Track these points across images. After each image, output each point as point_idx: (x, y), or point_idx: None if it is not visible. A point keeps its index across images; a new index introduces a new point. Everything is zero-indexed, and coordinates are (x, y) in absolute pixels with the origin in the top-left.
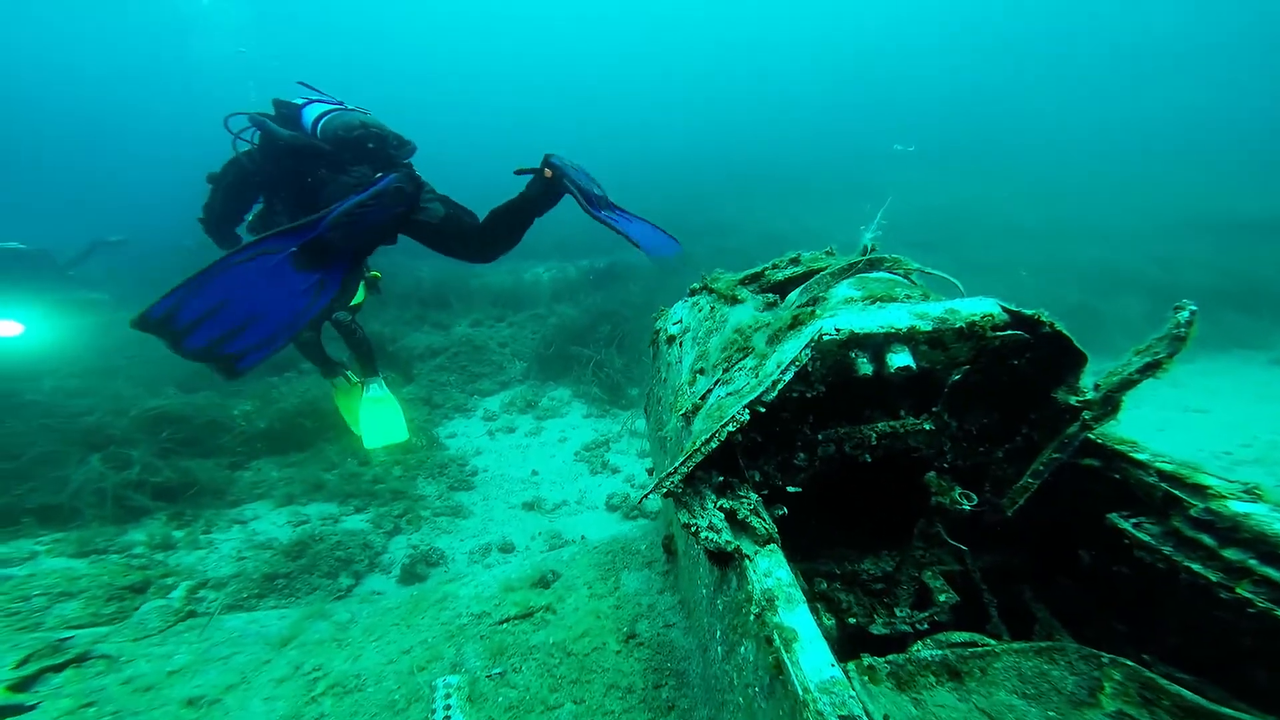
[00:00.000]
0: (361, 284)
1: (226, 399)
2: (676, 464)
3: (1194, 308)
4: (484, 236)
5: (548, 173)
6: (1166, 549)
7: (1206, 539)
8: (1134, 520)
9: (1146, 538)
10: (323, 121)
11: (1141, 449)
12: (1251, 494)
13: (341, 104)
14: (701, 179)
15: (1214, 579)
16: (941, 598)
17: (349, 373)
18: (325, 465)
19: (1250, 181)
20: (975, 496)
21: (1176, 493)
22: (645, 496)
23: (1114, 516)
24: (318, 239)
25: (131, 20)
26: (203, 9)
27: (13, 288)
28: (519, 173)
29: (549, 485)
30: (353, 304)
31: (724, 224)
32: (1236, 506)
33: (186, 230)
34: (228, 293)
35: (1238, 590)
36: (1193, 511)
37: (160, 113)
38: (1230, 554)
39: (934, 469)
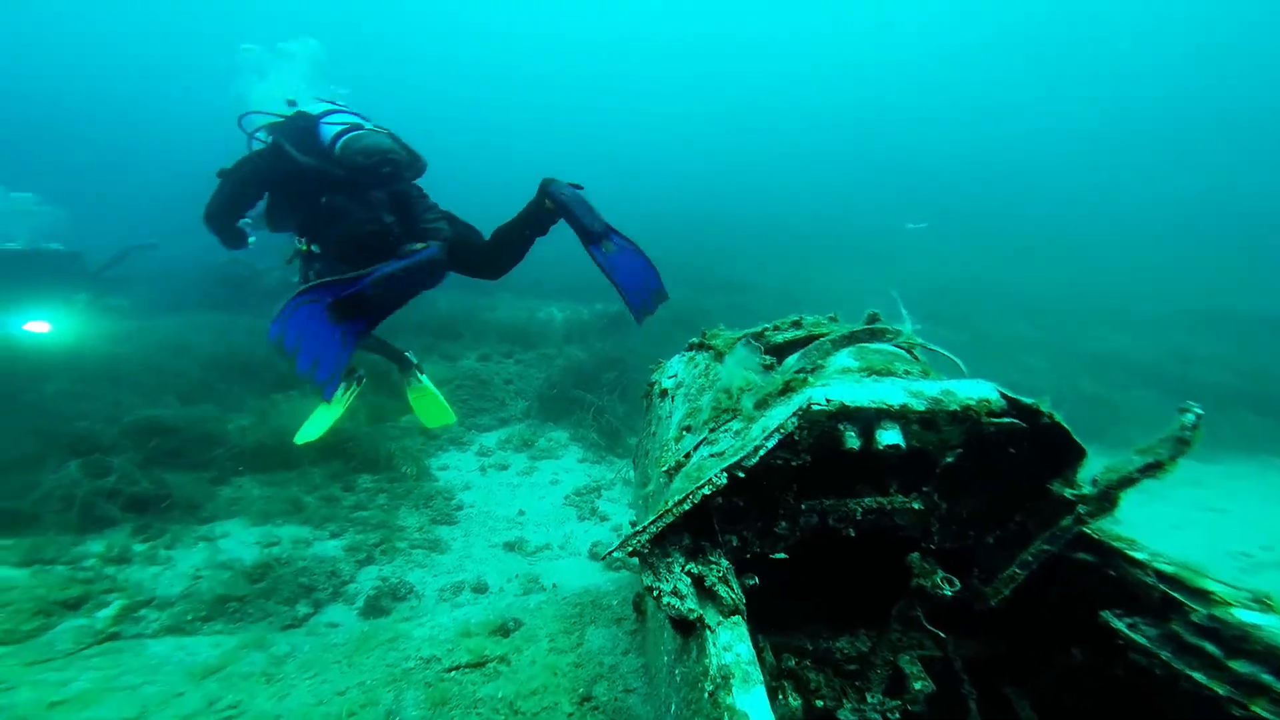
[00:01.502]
0: None
1: (227, 412)
2: (645, 523)
3: (1200, 411)
4: (490, 256)
5: (548, 204)
6: (1165, 654)
7: (1210, 647)
8: (1129, 621)
9: (1143, 640)
10: (343, 141)
11: (1140, 547)
12: (1261, 603)
13: (361, 118)
14: (723, 236)
15: (1222, 692)
16: (917, 685)
17: (355, 387)
18: (308, 487)
19: (1274, 275)
20: (958, 582)
21: (1177, 596)
22: (609, 554)
23: (1107, 615)
24: (358, 294)
25: (176, 24)
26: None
27: (47, 287)
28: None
29: (534, 527)
30: None
31: (741, 282)
32: (1245, 616)
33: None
34: (296, 333)
35: (1253, 708)
36: (1194, 617)
37: (194, 119)
38: (1239, 666)
39: (920, 549)
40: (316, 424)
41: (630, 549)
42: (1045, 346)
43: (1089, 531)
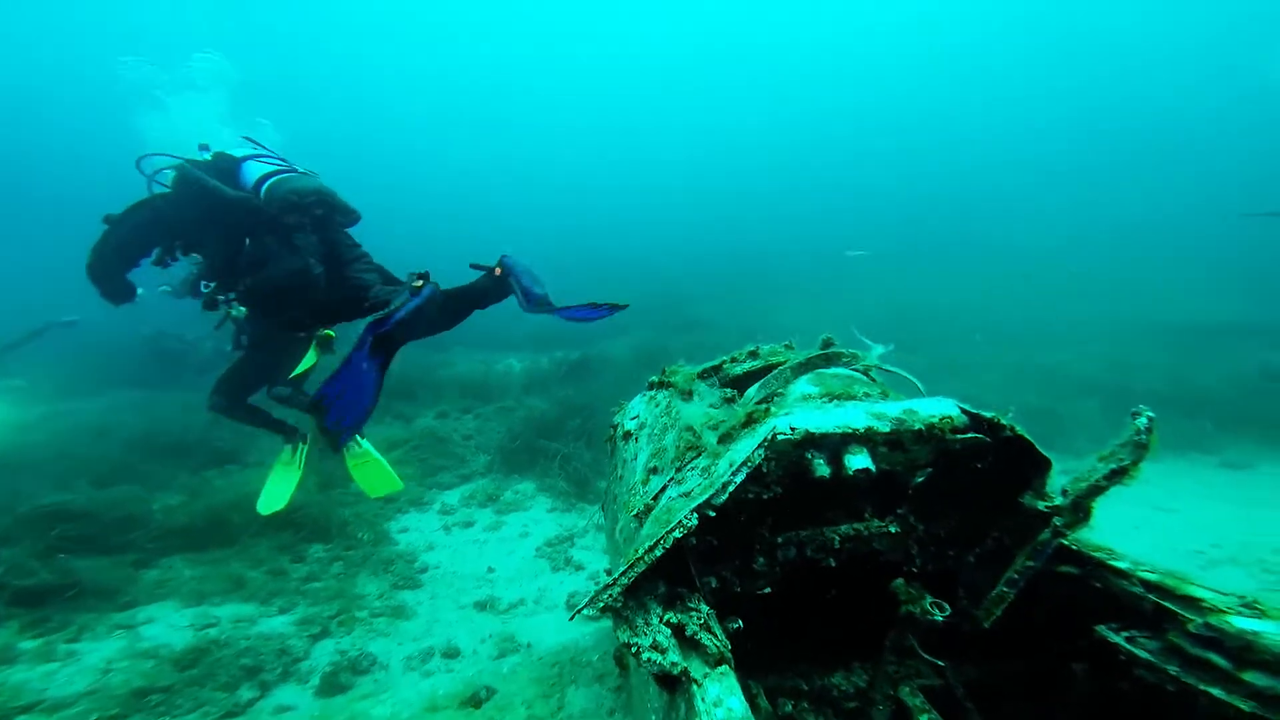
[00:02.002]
0: (313, 347)
1: (152, 492)
2: (616, 575)
3: (1151, 414)
4: (423, 319)
5: (498, 271)
6: (1172, 669)
7: (1218, 659)
8: (1126, 634)
9: (1145, 654)
10: (271, 182)
11: (1119, 556)
12: (1252, 608)
13: (288, 164)
14: (683, 274)
15: (1245, 708)
16: (923, 718)
17: (302, 445)
18: (251, 562)
19: (1202, 285)
20: (948, 606)
21: (1168, 605)
22: (578, 611)
23: (1103, 629)
24: (387, 334)
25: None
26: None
27: None
28: (474, 266)
29: (505, 583)
30: (298, 372)
31: (702, 319)
32: (1241, 623)
33: (143, 314)
34: (348, 380)
35: None
36: (1191, 627)
37: (113, 186)
38: (1254, 678)
39: (903, 574)
40: (278, 488)
41: (602, 604)
42: (1001, 365)
43: (1067, 543)
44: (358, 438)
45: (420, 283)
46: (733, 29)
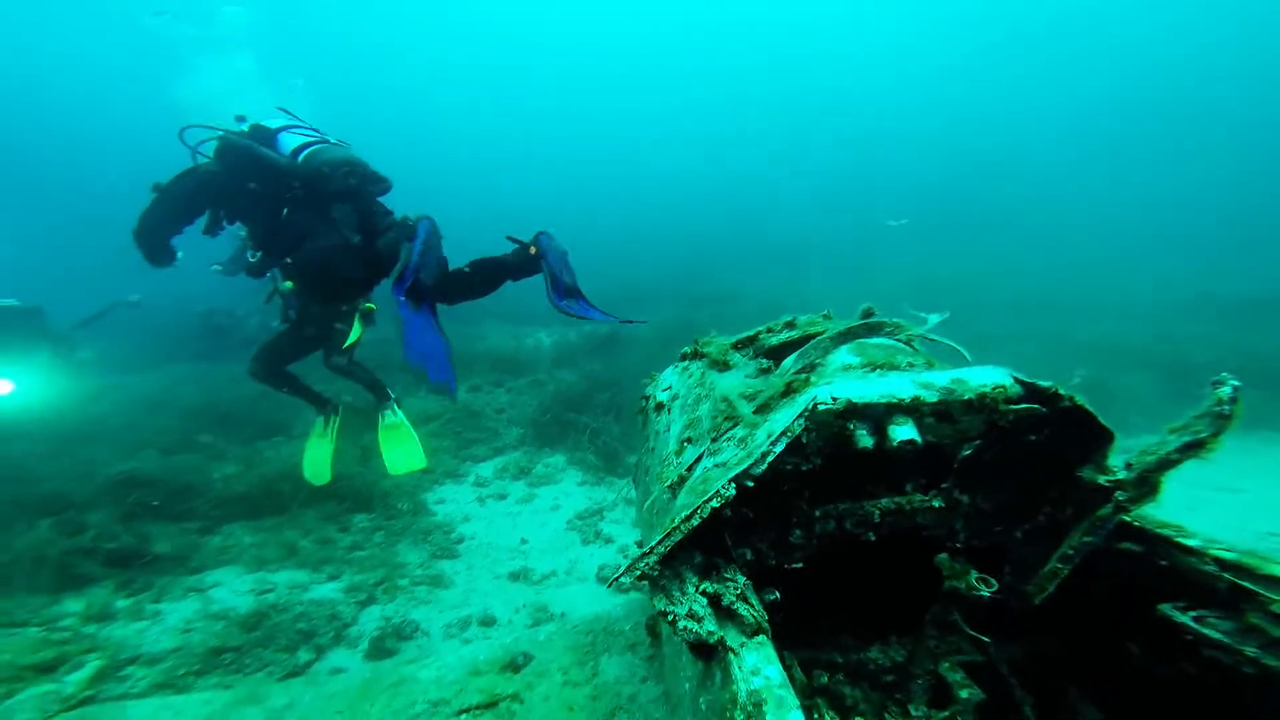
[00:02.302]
0: (357, 319)
1: (210, 461)
2: (653, 543)
3: (1236, 383)
4: (463, 285)
5: (533, 250)
6: (1250, 650)
7: None
8: (1195, 614)
9: (1218, 635)
10: (307, 153)
11: (1189, 534)
12: None
13: (321, 135)
14: (704, 247)
15: None
16: (964, 694)
17: (334, 417)
18: (301, 531)
19: (1251, 260)
20: (995, 582)
21: (1247, 585)
22: (615, 579)
23: (1166, 608)
24: (415, 284)
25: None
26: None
27: (5, 345)
28: (510, 239)
29: (538, 555)
30: (347, 344)
31: (727, 292)
32: None
33: (200, 294)
34: (418, 337)
35: None
36: (1275, 608)
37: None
38: None
39: (946, 549)
40: (316, 459)
41: (638, 572)
42: (1036, 337)
43: (1129, 520)
44: (395, 407)
45: (414, 223)
46: (764, 6)
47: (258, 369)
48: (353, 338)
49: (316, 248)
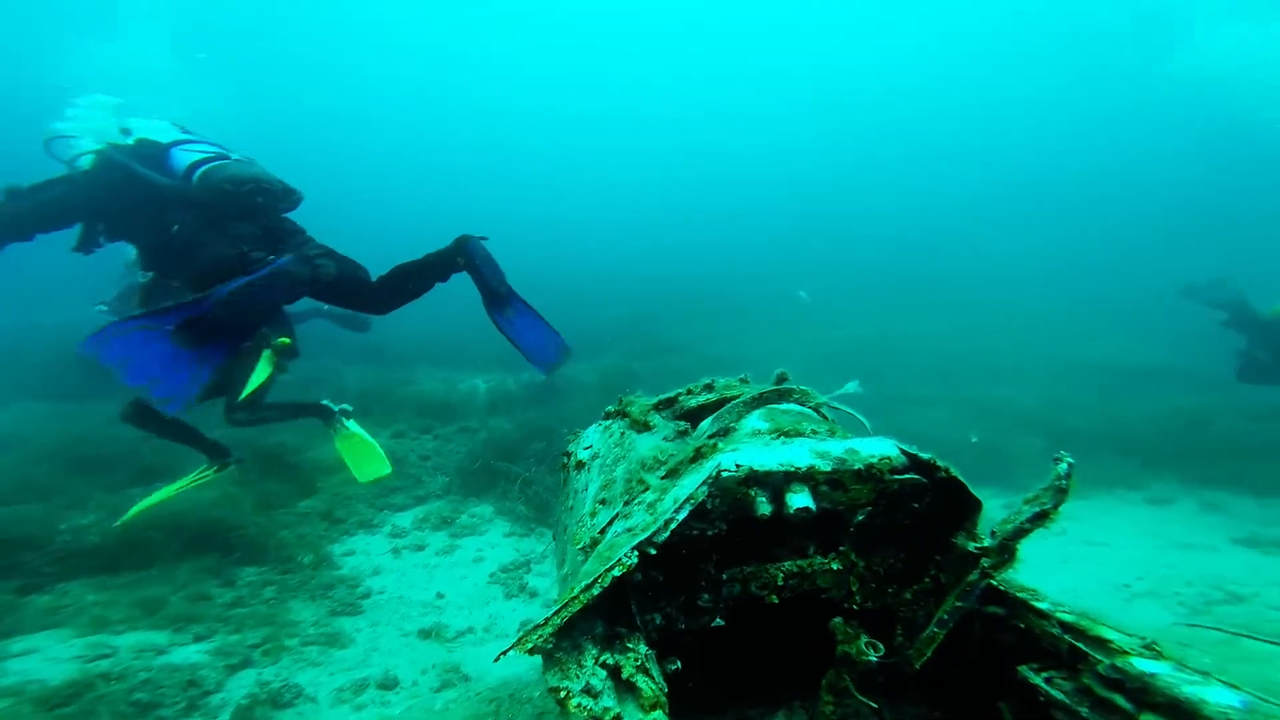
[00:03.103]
0: (264, 357)
1: (64, 510)
2: (549, 614)
3: (1071, 460)
4: (385, 291)
5: (460, 260)
6: (1084, 710)
7: (1120, 700)
8: (1045, 675)
9: (1060, 695)
10: (204, 170)
11: (1042, 597)
12: (1151, 650)
13: (222, 151)
14: (654, 299)
15: None
16: None
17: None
18: (171, 586)
19: (1131, 330)
20: (882, 646)
21: (1081, 646)
22: (503, 654)
23: (1024, 670)
24: (203, 317)
25: None
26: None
27: None
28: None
29: (455, 610)
30: (246, 393)
31: (671, 344)
32: (1140, 665)
33: (83, 325)
34: (125, 353)
35: None
36: (1100, 669)
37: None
38: None
39: (844, 612)
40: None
41: (529, 646)
42: (949, 400)
43: (995, 584)
44: (344, 419)
45: (273, 257)
46: (705, 53)
47: (130, 410)
48: (254, 383)
49: (205, 262)
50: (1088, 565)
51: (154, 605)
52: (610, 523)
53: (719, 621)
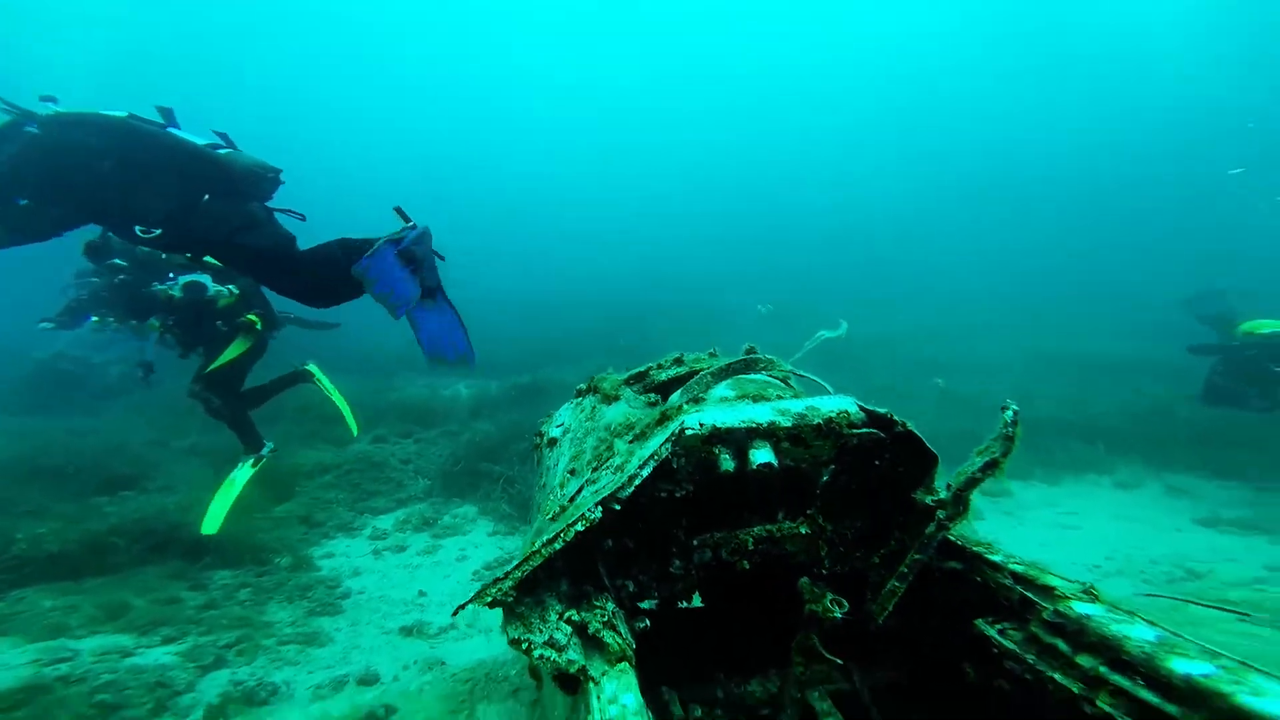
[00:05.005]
0: (239, 338)
1: (19, 519)
2: (509, 568)
3: (1016, 408)
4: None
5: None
6: (1030, 657)
7: (1061, 645)
8: (999, 626)
9: (1011, 645)
10: (229, 154)
11: (996, 550)
12: (1089, 594)
13: (229, 140)
14: (639, 305)
15: (1076, 690)
16: None
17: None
18: (136, 590)
19: (1100, 323)
20: (846, 603)
21: (1029, 595)
22: (461, 607)
23: (980, 623)
24: (406, 250)
25: None
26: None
27: None
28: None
29: (437, 608)
30: (219, 363)
31: (654, 348)
32: (1079, 608)
33: (40, 338)
34: (380, 270)
35: (1099, 703)
36: (1045, 615)
37: None
38: (1084, 661)
39: (812, 576)
40: (221, 505)
41: (489, 599)
42: (927, 394)
43: (954, 539)
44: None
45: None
46: (693, 55)
47: (202, 390)
48: (227, 356)
49: (262, 235)
50: (1064, 548)
51: (119, 610)
52: (579, 490)
53: (697, 602)
